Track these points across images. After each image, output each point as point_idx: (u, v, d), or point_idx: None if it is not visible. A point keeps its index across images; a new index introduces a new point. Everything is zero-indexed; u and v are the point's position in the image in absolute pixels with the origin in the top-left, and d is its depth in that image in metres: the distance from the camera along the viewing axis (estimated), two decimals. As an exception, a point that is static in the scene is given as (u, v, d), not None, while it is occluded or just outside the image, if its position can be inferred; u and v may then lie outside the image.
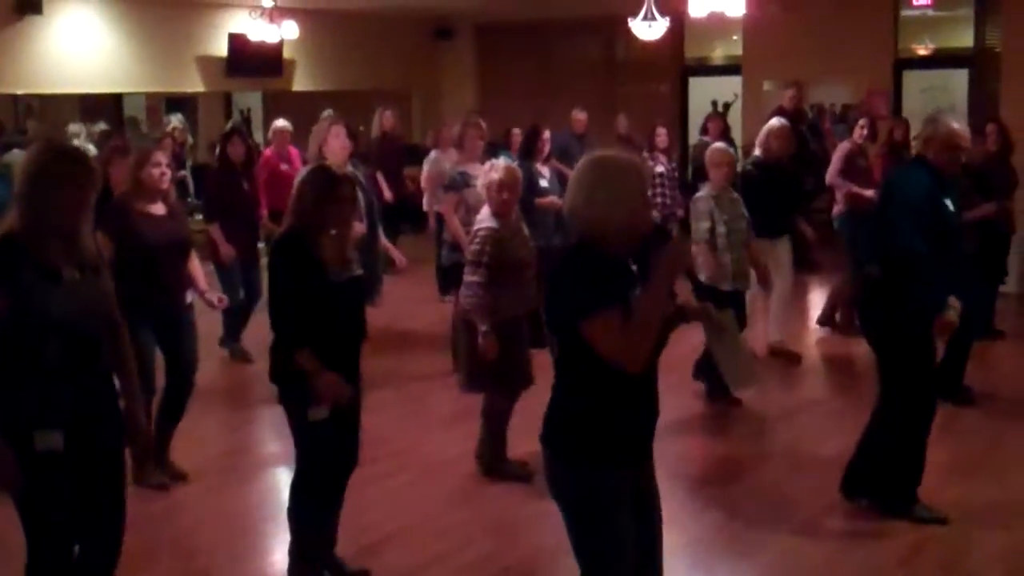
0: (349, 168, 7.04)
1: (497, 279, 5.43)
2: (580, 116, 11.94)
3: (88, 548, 3.66)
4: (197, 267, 5.71)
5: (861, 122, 9.66)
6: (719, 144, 7.75)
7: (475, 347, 5.50)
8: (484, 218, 5.58)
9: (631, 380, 3.09)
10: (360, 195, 6.77)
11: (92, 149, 12.68)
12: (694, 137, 13.90)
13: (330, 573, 4.54)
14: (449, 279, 7.73)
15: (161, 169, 5.42)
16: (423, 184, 10.57)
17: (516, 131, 10.11)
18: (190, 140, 14.69)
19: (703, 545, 5.04)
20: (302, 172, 4.57)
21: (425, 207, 10.49)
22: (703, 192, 7.05)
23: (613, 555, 3.19)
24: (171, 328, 5.51)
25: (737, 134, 12.90)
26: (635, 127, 12.11)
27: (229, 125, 14.34)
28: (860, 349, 8.40)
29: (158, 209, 5.46)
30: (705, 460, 6.29)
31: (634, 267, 3.25)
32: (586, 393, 3.17)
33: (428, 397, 7.36)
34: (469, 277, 5.50)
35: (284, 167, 9.94)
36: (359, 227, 6.18)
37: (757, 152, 8.06)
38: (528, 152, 8.64)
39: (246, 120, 16.46)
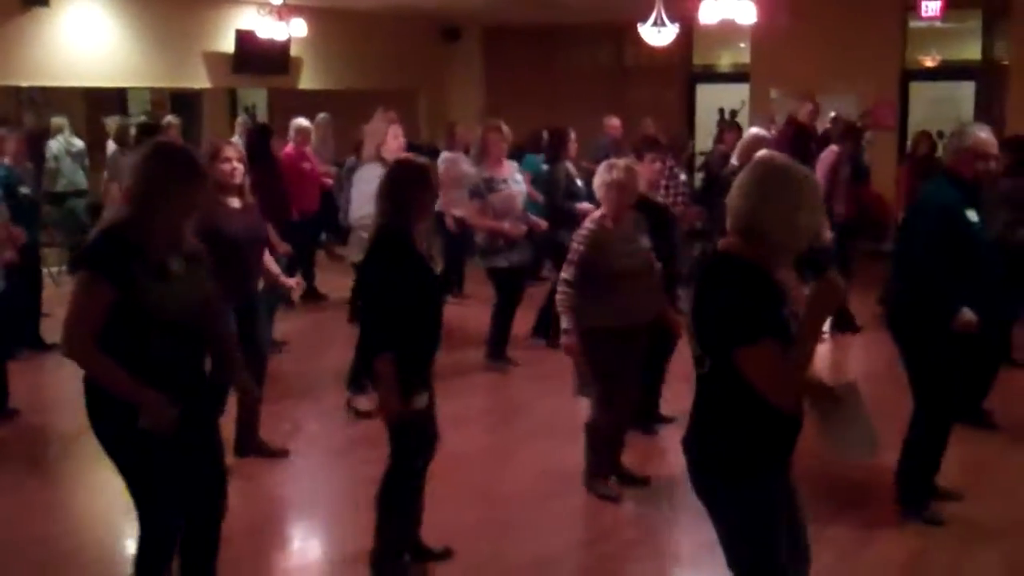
0: None
1: (586, 284, 5.22)
2: (614, 122, 11.44)
3: (194, 522, 3.81)
4: (268, 257, 5.94)
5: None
6: None
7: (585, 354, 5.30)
8: (591, 219, 5.42)
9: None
10: None
11: (79, 143, 12.52)
12: (700, 144, 13.90)
13: (413, 553, 4.62)
14: (501, 283, 7.81)
15: (232, 164, 5.43)
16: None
17: (546, 133, 9.77)
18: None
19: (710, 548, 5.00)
20: (390, 167, 4.48)
21: (439, 207, 9.66)
22: None
23: (773, 566, 3.10)
24: (246, 315, 5.55)
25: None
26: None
27: (240, 118, 14.22)
28: (873, 361, 8.41)
29: (233, 203, 5.50)
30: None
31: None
32: (740, 409, 2.99)
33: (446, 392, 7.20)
34: (563, 273, 5.36)
35: (306, 166, 9.93)
36: None
37: (734, 160, 7.52)
38: (556, 155, 8.28)
39: (252, 117, 16.38)
